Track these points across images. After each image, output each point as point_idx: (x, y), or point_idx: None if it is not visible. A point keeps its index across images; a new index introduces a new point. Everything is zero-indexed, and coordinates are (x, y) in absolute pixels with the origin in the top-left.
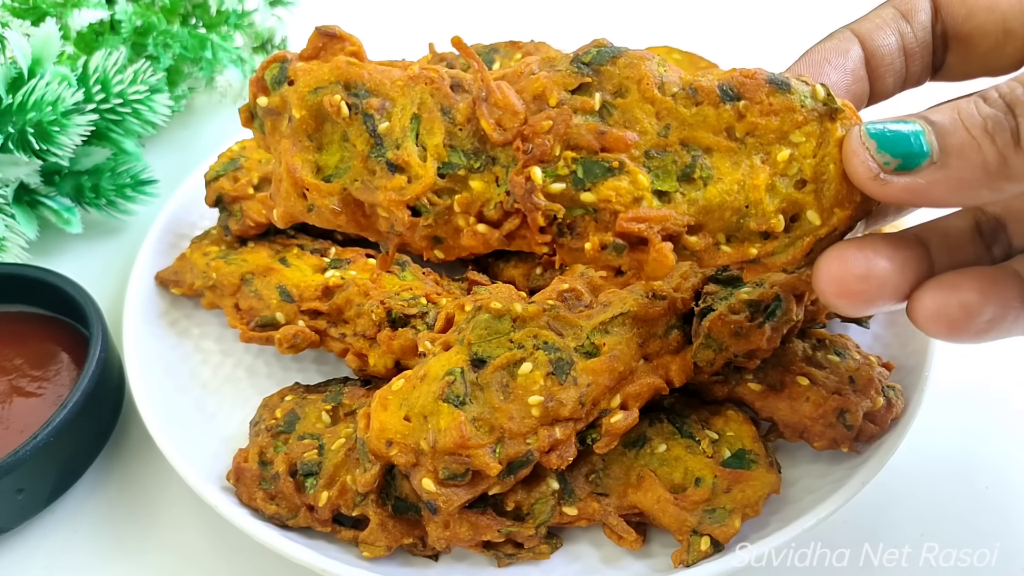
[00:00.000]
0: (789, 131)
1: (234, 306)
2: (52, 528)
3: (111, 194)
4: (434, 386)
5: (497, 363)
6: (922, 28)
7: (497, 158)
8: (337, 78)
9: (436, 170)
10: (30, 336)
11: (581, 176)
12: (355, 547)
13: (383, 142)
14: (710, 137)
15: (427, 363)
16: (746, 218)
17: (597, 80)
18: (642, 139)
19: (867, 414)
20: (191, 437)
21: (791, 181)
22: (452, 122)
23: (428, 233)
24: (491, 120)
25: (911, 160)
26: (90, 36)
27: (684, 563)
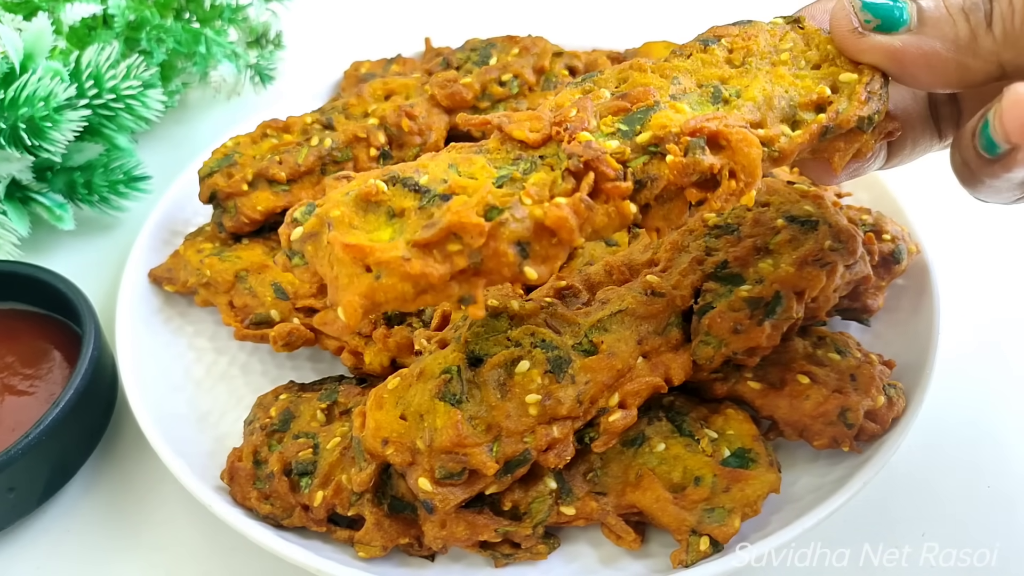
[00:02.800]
0: (775, 43)
1: (228, 303)
2: (44, 528)
3: (104, 190)
4: (430, 384)
5: (494, 361)
6: None
7: (544, 156)
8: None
9: (493, 181)
10: (22, 334)
11: (626, 128)
12: (351, 547)
13: (430, 189)
14: (716, 71)
15: (423, 361)
16: (794, 99)
17: (596, 85)
18: (661, 91)
19: (868, 413)
20: (185, 436)
21: (807, 68)
22: (487, 152)
23: (510, 237)
24: (522, 129)
25: (890, 22)
26: (83, 31)
27: (683, 563)
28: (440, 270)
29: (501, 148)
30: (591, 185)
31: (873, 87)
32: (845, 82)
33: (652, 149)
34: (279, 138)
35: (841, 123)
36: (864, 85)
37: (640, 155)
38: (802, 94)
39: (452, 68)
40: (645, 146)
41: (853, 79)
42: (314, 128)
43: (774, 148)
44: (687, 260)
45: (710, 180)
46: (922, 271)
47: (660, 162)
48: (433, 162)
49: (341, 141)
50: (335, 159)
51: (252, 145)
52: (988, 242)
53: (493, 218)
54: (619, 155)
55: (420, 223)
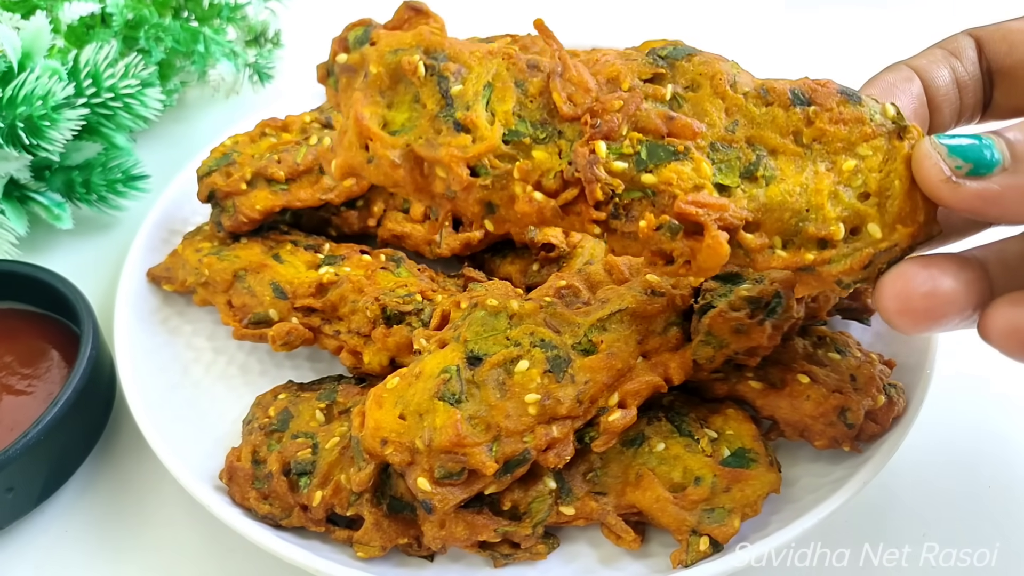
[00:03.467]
0: (856, 143)
1: (227, 303)
2: (43, 527)
3: (102, 189)
4: (429, 384)
5: (493, 361)
6: (971, 63)
7: (563, 132)
8: (418, 43)
9: (502, 135)
10: (20, 333)
11: (644, 157)
12: (349, 547)
13: (453, 103)
14: (776, 139)
15: (422, 361)
16: (805, 222)
17: (671, 73)
18: (709, 131)
19: (868, 412)
20: (183, 435)
21: (855, 192)
22: (524, 94)
23: (483, 196)
24: (563, 93)
25: (983, 166)
26: (81, 29)
27: (683, 563)
28: (419, 183)
29: (538, 97)
30: (568, 200)
31: (880, 258)
32: (867, 234)
33: (648, 192)
34: (278, 137)
35: (822, 274)
36: (875, 253)
37: (635, 190)
38: (817, 224)
39: None
40: (644, 186)
41: (874, 238)
42: (313, 127)
43: (751, 256)
44: None
45: (668, 254)
46: None
47: (647, 207)
48: (479, 67)
49: None
50: None
51: (251, 144)
52: (988, 241)
53: (479, 175)
54: (613, 187)
55: (428, 132)
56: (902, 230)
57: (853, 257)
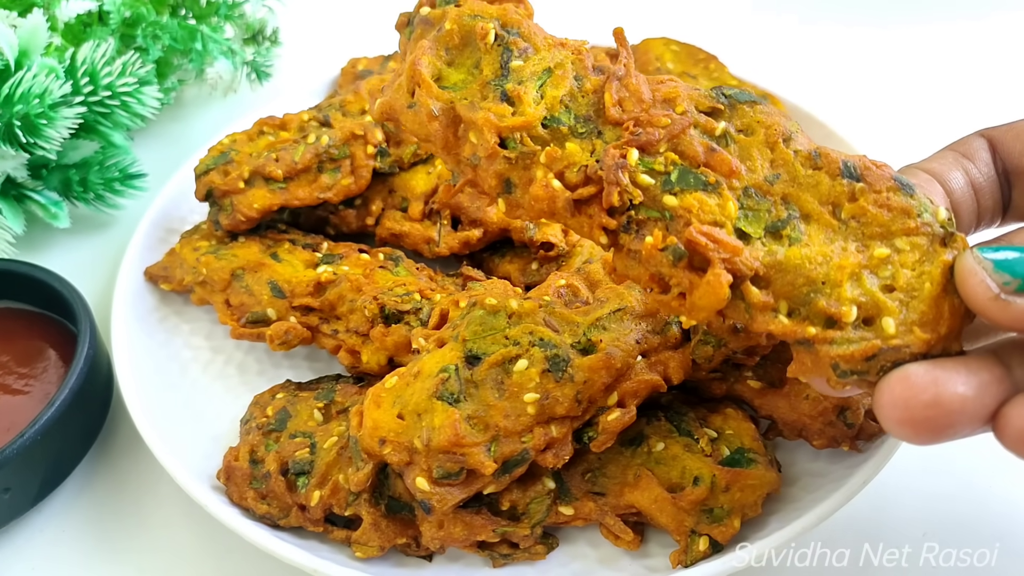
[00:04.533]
0: (896, 234)
1: (224, 302)
2: (39, 528)
3: (99, 188)
4: (428, 383)
5: (492, 360)
6: (985, 165)
7: (603, 133)
8: (499, 16)
9: (542, 117)
10: (16, 333)
11: (674, 179)
12: (348, 547)
13: (508, 75)
14: (814, 204)
15: (421, 360)
16: (817, 294)
17: (729, 112)
18: (748, 176)
19: (868, 412)
20: (181, 435)
21: (879, 282)
22: (579, 87)
23: (503, 170)
24: (615, 96)
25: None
26: (78, 27)
27: (682, 563)
28: (449, 143)
29: (591, 95)
30: (583, 197)
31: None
32: (880, 328)
33: (665, 214)
34: (276, 135)
35: (819, 352)
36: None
37: (652, 209)
38: (830, 300)
39: None
40: (663, 207)
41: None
42: (311, 125)
43: (750, 313)
44: None
45: (665, 282)
46: None
47: (654, 227)
48: (544, 51)
49: (338, 138)
50: (332, 156)
51: (248, 142)
52: (989, 239)
53: (506, 147)
54: (633, 197)
55: (475, 95)
56: (919, 334)
57: (858, 345)
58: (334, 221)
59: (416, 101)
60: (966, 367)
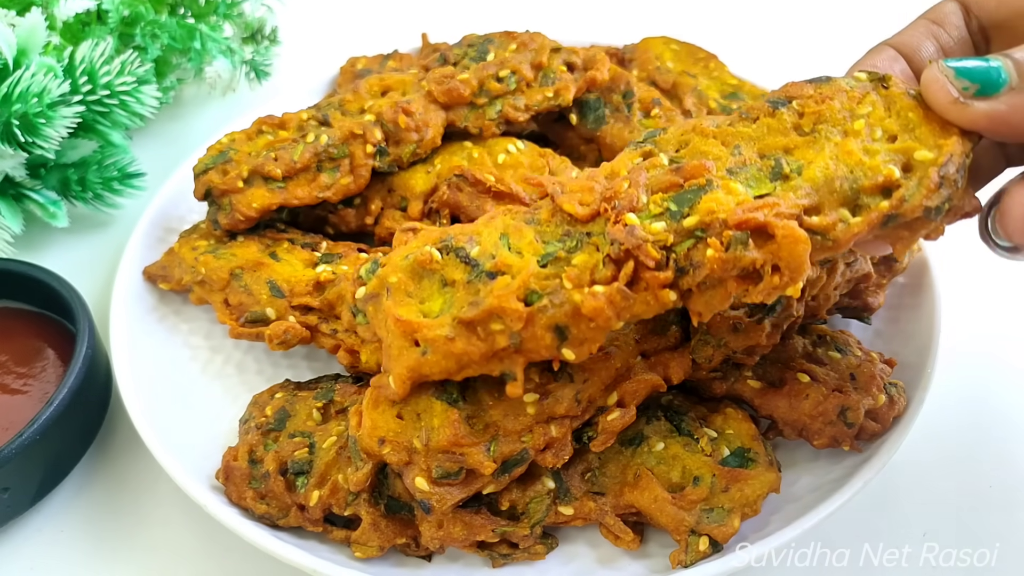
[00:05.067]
0: (852, 107)
1: (223, 301)
2: (38, 528)
3: (98, 187)
4: (427, 383)
5: None
6: (956, 29)
7: (591, 233)
8: (424, 243)
9: (536, 261)
10: (15, 332)
11: (675, 208)
12: (347, 547)
13: (478, 262)
14: (782, 139)
15: None
16: (858, 180)
17: (656, 147)
18: (718, 164)
19: (868, 412)
20: (179, 435)
21: (881, 141)
22: (538, 224)
23: (547, 322)
24: (573, 202)
25: (990, 85)
26: (76, 26)
27: (682, 563)
28: (482, 348)
29: (551, 219)
30: (629, 275)
31: (948, 170)
32: (920, 161)
33: (698, 234)
34: (275, 135)
35: (905, 212)
36: (938, 168)
37: (685, 239)
38: (868, 175)
39: (449, 64)
40: (691, 231)
41: (928, 159)
42: (310, 124)
43: (828, 237)
44: None
45: (753, 273)
46: (923, 269)
47: (705, 248)
48: (487, 229)
49: (337, 138)
50: (331, 156)
51: (247, 142)
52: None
53: (533, 303)
54: (662, 241)
55: (467, 299)
56: (946, 142)
57: (924, 183)
58: (333, 220)
59: (425, 345)
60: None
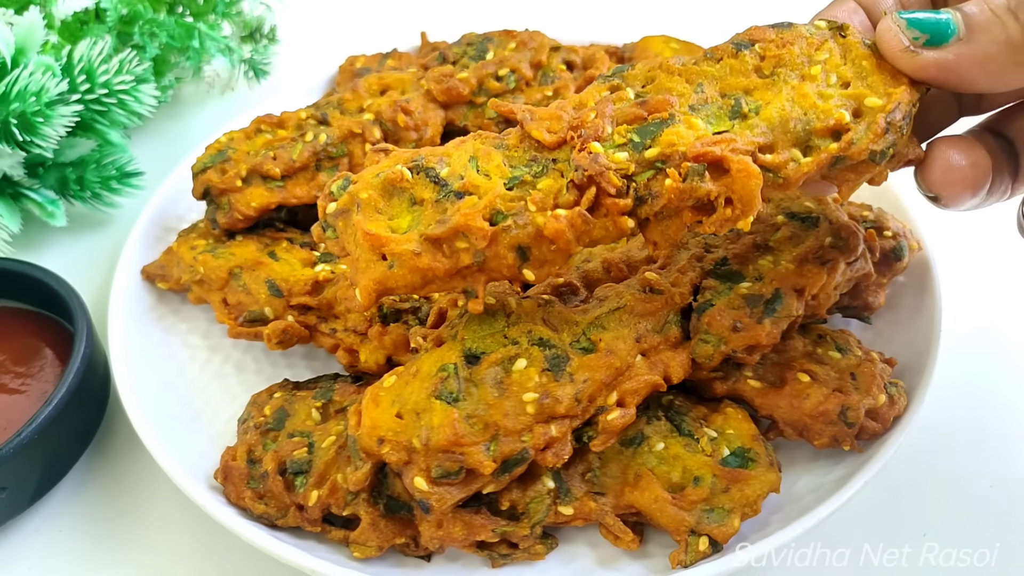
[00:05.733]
0: (810, 53)
1: (222, 301)
2: (36, 528)
3: (96, 186)
4: (427, 383)
5: (491, 359)
6: None
7: (556, 159)
8: (395, 162)
9: (503, 183)
10: (13, 332)
11: (638, 139)
12: (346, 547)
13: (447, 182)
14: (742, 80)
15: (419, 359)
16: (811, 123)
17: (624, 82)
18: (681, 100)
19: (869, 412)
20: (178, 435)
21: (835, 87)
22: (506, 148)
23: (511, 242)
24: (541, 129)
25: (939, 36)
26: (75, 25)
27: (682, 564)
28: (446, 265)
29: (520, 145)
30: (591, 200)
31: (894, 117)
32: (869, 107)
33: (658, 165)
34: (273, 133)
35: (852, 155)
36: (885, 115)
37: (646, 170)
38: (820, 118)
39: (448, 63)
40: (652, 161)
41: (877, 105)
42: (309, 123)
43: (780, 175)
44: (686, 257)
45: (707, 204)
46: (924, 268)
47: (663, 179)
48: (457, 151)
49: (336, 136)
50: (330, 155)
51: (246, 141)
52: (990, 239)
53: (498, 223)
54: (624, 170)
55: (434, 217)
56: (895, 90)
57: (872, 128)
58: None
59: (392, 259)
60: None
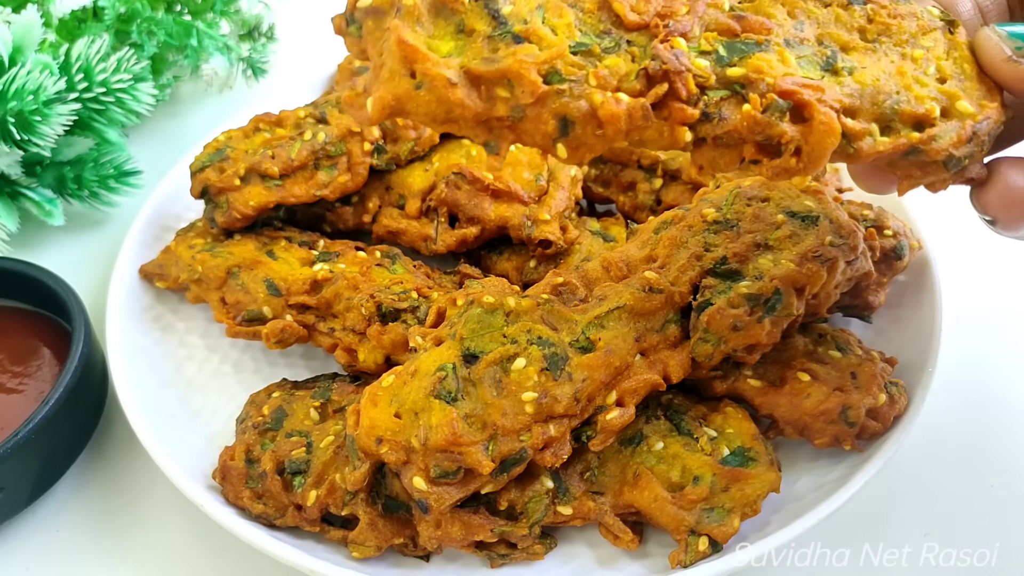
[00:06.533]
0: (918, 35)
1: (220, 300)
2: (33, 528)
3: (94, 185)
4: (425, 382)
5: (490, 358)
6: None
7: (632, 41)
8: None
9: (569, 46)
10: (11, 331)
11: (724, 54)
12: (344, 547)
13: (508, 21)
14: (844, 36)
15: (418, 358)
16: (900, 104)
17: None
18: (779, 30)
19: (869, 411)
20: (176, 434)
21: (932, 78)
22: (580, 10)
23: (558, 109)
24: (624, 4)
25: None
26: (72, 23)
27: (682, 563)
28: (479, 107)
29: (596, 12)
30: (658, 96)
31: (981, 128)
32: (960, 111)
33: (737, 88)
34: (272, 132)
35: (930, 152)
36: (975, 124)
37: (723, 88)
38: (911, 102)
39: None
40: (732, 81)
41: (969, 112)
42: (307, 122)
43: (853, 145)
44: (686, 256)
45: (774, 146)
46: (924, 267)
47: (737, 104)
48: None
49: (335, 135)
50: (328, 153)
51: (244, 139)
52: (990, 237)
53: (552, 83)
54: (702, 80)
55: (482, 52)
56: (989, 104)
57: (956, 132)
58: (330, 218)
59: (422, 78)
60: None
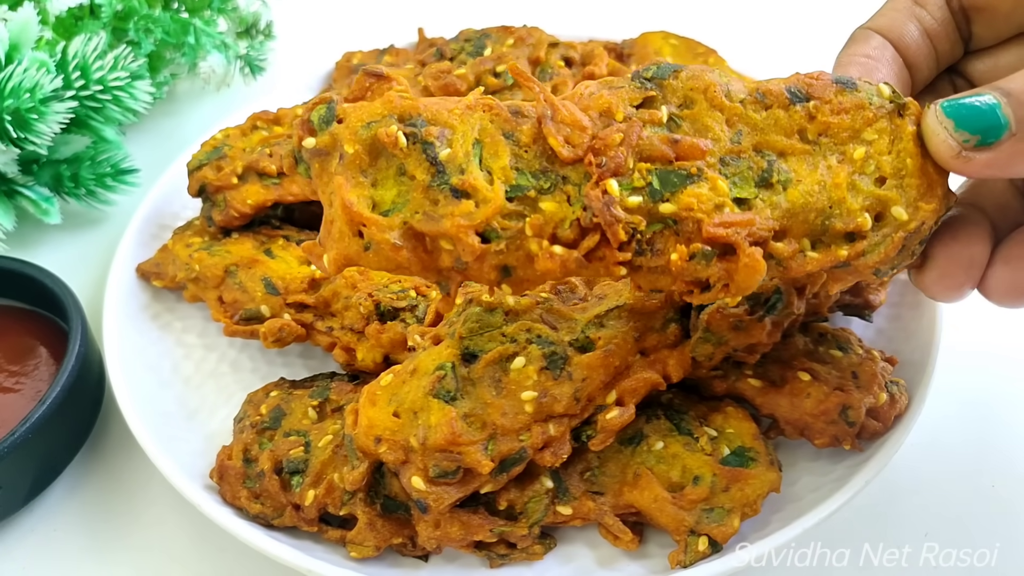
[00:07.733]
0: (861, 129)
1: (218, 299)
2: (30, 527)
3: (91, 184)
4: (424, 381)
5: (489, 357)
6: (938, 8)
7: (568, 177)
8: (390, 111)
9: (504, 193)
10: (7, 330)
11: (658, 187)
12: (342, 547)
13: (445, 169)
14: (783, 140)
15: (417, 358)
16: (831, 219)
17: (661, 94)
18: (715, 146)
19: (870, 410)
20: (173, 434)
21: (871, 179)
22: (516, 144)
23: (498, 262)
24: (559, 137)
25: (990, 134)
26: (69, 21)
27: (681, 564)
28: (425, 260)
29: (532, 146)
30: (590, 248)
31: (911, 240)
32: (894, 217)
33: (670, 223)
34: (269, 130)
35: (858, 268)
36: (906, 235)
37: (656, 223)
38: (843, 217)
39: (446, 59)
40: (664, 217)
41: (902, 220)
42: None
43: (783, 264)
44: None
45: (703, 282)
46: None
47: (671, 236)
48: (462, 125)
49: None
50: None
51: (242, 137)
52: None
53: (491, 239)
54: (634, 224)
55: (423, 204)
56: (925, 207)
57: (886, 244)
58: None
59: (370, 241)
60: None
